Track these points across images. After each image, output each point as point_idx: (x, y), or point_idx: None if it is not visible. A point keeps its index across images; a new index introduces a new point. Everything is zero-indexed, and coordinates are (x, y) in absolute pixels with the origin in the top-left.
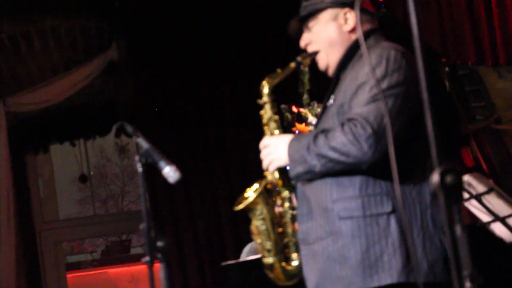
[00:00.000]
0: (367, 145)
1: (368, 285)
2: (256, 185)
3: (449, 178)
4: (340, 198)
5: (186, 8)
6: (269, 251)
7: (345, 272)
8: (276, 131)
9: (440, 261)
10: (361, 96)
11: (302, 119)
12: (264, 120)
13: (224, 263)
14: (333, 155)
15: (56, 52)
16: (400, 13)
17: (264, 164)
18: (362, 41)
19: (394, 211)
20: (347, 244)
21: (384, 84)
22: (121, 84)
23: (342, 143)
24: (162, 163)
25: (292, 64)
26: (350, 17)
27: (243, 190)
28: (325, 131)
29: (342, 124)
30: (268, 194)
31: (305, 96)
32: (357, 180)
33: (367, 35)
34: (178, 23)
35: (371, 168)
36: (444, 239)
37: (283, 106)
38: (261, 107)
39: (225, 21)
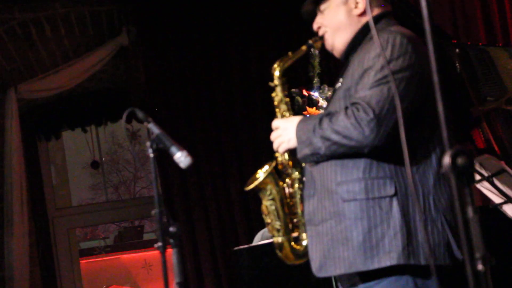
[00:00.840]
0: (369, 129)
1: (368, 266)
2: (266, 167)
3: (460, 160)
4: (344, 181)
5: None
6: (278, 230)
7: (347, 253)
8: (287, 113)
9: (441, 244)
10: (366, 80)
11: (313, 103)
12: (275, 103)
13: (236, 248)
14: (335, 137)
15: (67, 39)
16: None
17: (274, 146)
18: (372, 26)
19: (396, 194)
20: (350, 226)
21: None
22: (132, 69)
23: (345, 126)
24: (173, 149)
25: (304, 47)
26: (360, 1)
27: (254, 174)
28: (330, 114)
29: (346, 108)
30: (279, 175)
31: (316, 80)
32: (361, 163)
33: (377, 19)
34: (188, 8)
35: (375, 152)
36: (445, 223)
37: (293, 90)
38: (272, 90)
39: (236, 4)
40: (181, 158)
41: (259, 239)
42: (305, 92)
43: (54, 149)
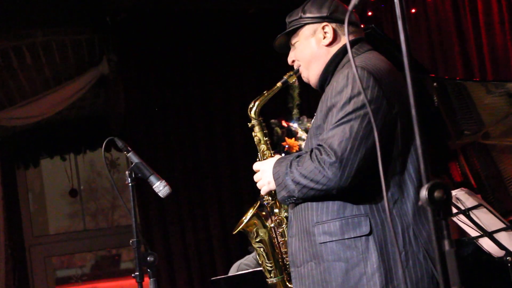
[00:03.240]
0: (331, 172)
1: None
2: (251, 210)
3: (437, 193)
4: (319, 222)
5: (177, 23)
6: (269, 271)
7: None
8: (267, 153)
9: (425, 277)
10: (330, 120)
11: (292, 133)
12: (256, 142)
13: (213, 278)
14: (304, 181)
15: (47, 67)
16: (389, 30)
17: (258, 187)
18: (352, 58)
19: (371, 232)
20: (328, 268)
21: (350, 107)
22: (112, 98)
23: (310, 170)
24: (152, 178)
25: (279, 84)
26: (329, 31)
27: (233, 204)
28: (299, 157)
29: (311, 150)
30: (265, 216)
31: (295, 111)
32: (335, 203)
33: (353, 43)
34: (168, 38)
35: (347, 192)
36: (427, 255)
37: (273, 120)
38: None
39: (215, 37)
40: (160, 187)
41: (234, 271)
42: (284, 123)
43: (32, 176)
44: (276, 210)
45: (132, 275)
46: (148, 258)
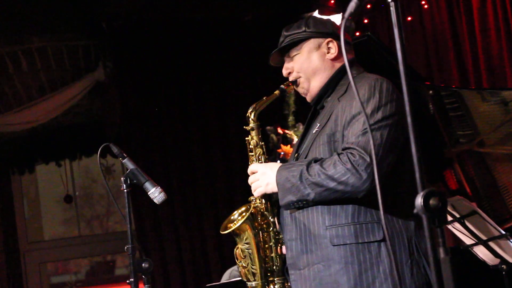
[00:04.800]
0: (366, 173)
1: None
2: (242, 208)
3: (432, 201)
4: (333, 225)
5: (173, 30)
6: (254, 274)
7: None
8: (262, 157)
9: (424, 286)
10: (357, 126)
11: (287, 140)
12: (250, 146)
13: (208, 285)
14: (330, 184)
15: (43, 73)
16: (385, 38)
17: (252, 189)
18: (349, 73)
19: (384, 239)
20: (340, 270)
21: (379, 115)
22: (107, 104)
23: (341, 172)
24: (147, 184)
25: (277, 92)
26: (333, 46)
27: (228, 211)
28: (318, 160)
29: (339, 154)
30: (253, 218)
31: (291, 118)
32: (349, 208)
33: (350, 64)
34: (164, 44)
35: (367, 196)
36: (427, 266)
37: (268, 127)
38: (247, 134)
39: (211, 43)
40: (155, 194)
41: (227, 278)
42: (280, 130)
43: (27, 182)
44: (265, 214)
45: (127, 281)
46: (143, 265)
